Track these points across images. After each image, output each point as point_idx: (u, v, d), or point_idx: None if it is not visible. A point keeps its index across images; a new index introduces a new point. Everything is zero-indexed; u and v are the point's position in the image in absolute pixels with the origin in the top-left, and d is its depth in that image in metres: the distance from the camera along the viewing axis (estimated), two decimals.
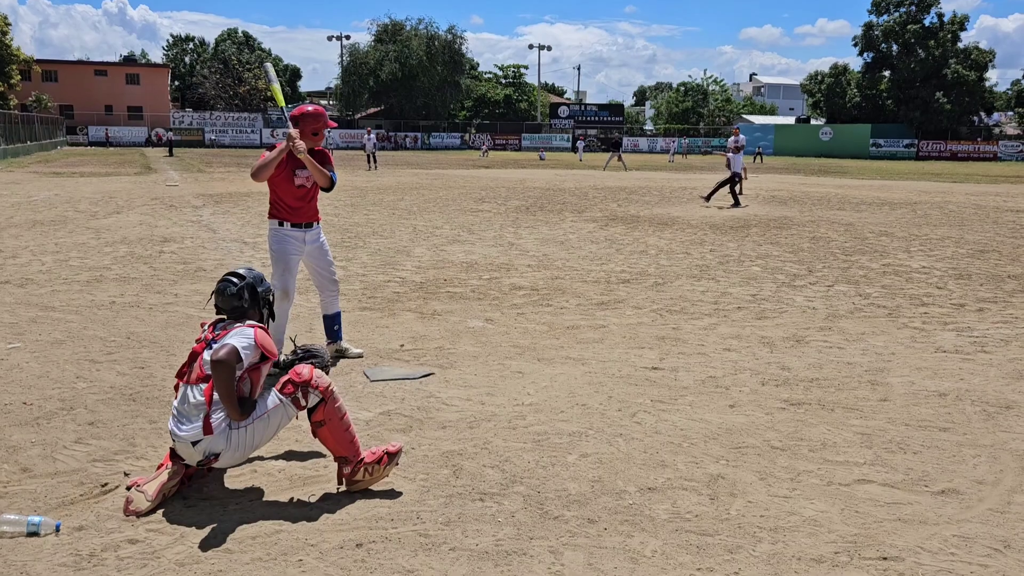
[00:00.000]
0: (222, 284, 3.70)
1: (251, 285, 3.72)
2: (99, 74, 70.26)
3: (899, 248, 11.80)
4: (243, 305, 3.68)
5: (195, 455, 3.40)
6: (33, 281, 8.25)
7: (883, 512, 3.43)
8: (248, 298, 3.69)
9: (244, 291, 3.69)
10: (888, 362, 5.74)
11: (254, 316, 3.74)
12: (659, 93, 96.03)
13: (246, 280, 3.71)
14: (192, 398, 3.43)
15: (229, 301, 3.67)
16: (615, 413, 4.60)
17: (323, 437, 3.56)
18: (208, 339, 3.55)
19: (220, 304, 3.69)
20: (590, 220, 15.08)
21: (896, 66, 65.43)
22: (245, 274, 3.75)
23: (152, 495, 3.32)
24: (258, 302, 3.75)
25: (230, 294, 3.66)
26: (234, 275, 3.73)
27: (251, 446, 3.49)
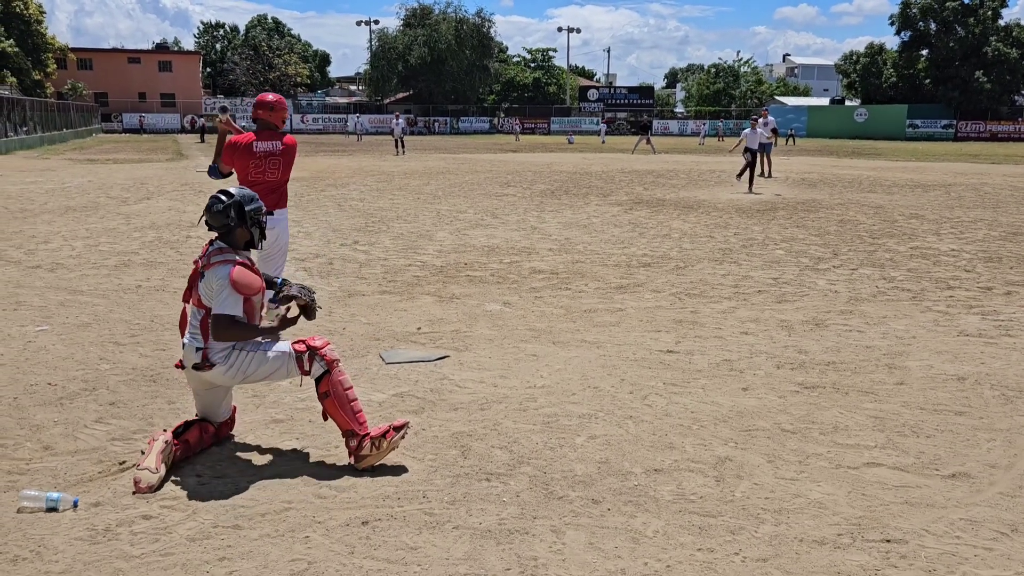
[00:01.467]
0: (211, 201, 3.78)
1: (238, 203, 3.78)
2: (132, 62, 71.17)
3: (929, 231, 11.61)
4: (230, 223, 3.76)
5: (194, 358, 3.65)
6: (63, 266, 8.44)
7: (890, 495, 3.41)
8: (235, 216, 3.77)
9: (231, 208, 3.76)
10: (908, 346, 5.67)
11: (243, 234, 3.81)
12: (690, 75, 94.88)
13: (233, 198, 3.78)
14: (194, 320, 3.70)
15: (217, 218, 3.76)
16: (626, 396, 4.61)
17: (330, 410, 3.65)
18: (202, 263, 3.72)
19: (209, 221, 3.79)
20: (615, 204, 15.02)
21: (934, 44, 63.85)
22: (234, 192, 3.82)
23: (155, 465, 3.43)
24: (246, 220, 3.81)
25: (217, 211, 3.75)
26: (223, 192, 3.81)
27: (244, 373, 3.67)
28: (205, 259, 3.73)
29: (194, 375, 3.73)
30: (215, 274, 3.65)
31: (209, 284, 3.66)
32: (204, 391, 3.81)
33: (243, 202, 3.80)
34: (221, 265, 3.67)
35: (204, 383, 3.77)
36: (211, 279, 3.66)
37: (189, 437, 3.71)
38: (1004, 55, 60.90)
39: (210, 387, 3.78)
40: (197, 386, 3.82)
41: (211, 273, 3.66)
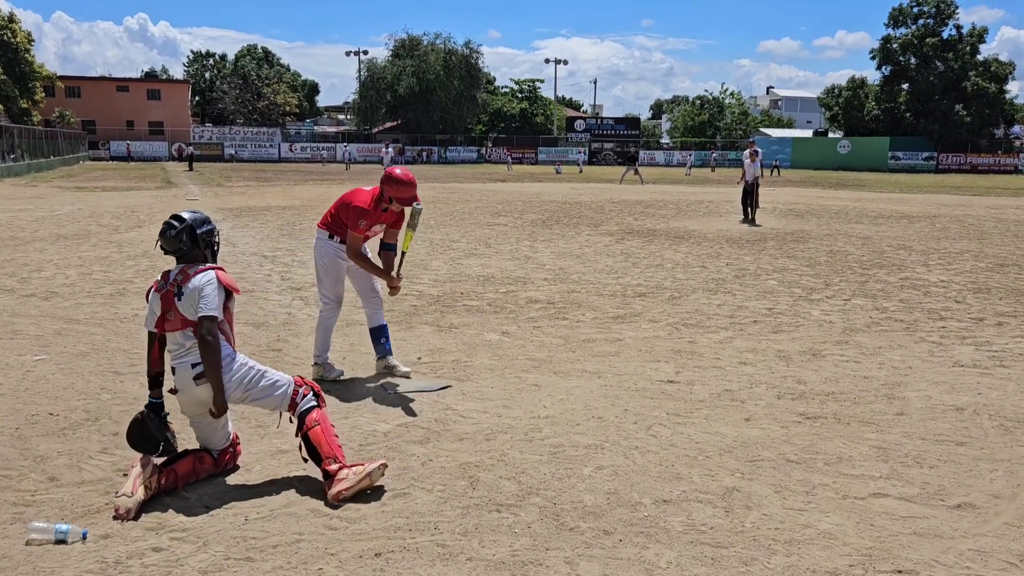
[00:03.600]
0: (164, 226, 3.84)
1: (190, 227, 3.84)
2: (121, 90, 71.23)
3: (917, 262, 11.76)
4: (183, 247, 3.82)
5: (192, 373, 3.72)
6: (58, 294, 8.40)
7: (898, 526, 3.44)
8: (187, 240, 3.82)
9: (183, 233, 3.81)
10: (905, 376, 5.74)
11: (199, 257, 3.87)
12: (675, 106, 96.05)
13: (185, 222, 3.83)
14: (186, 342, 3.76)
15: (172, 242, 3.82)
16: (631, 426, 4.63)
17: (317, 437, 3.70)
18: (174, 287, 3.76)
19: (164, 246, 3.86)
20: (606, 234, 15.13)
21: (915, 79, 65.09)
22: (186, 216, 3.86)
23: (131, 490, 3.43)
24: (199, 243, 3.85)
25: (171, 236, 3.81)
26: (175, 218, 3.86)
27: (245, 387, 3.77)
28: (176, 278, 3.78)
29: (189, 398, 3.77)
30: (198, 280, 3.74)
31: (192, 295, 3.72)
32: (199, 416, 3.82)
33: (195, 225, 3.86)
34: (201, 272, 3.78)
35: (199, 405, 3.78)
36: (193, 289, 3.72)
37: (179, 467, 3.70)
38: (983, 89, 62.15)
39: (204, 411, 3.78)
40: (192, 411, 3.84)
41: (191, 284, 3.73)
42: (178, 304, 3.74)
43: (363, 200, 5.25)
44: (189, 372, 3.74)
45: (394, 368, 5.64)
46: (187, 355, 3.76)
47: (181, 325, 3.76)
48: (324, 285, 5.48)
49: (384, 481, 3.80)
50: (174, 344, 3.80)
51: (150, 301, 3.87)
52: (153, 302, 3.84)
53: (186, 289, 3.74)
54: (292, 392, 3.81)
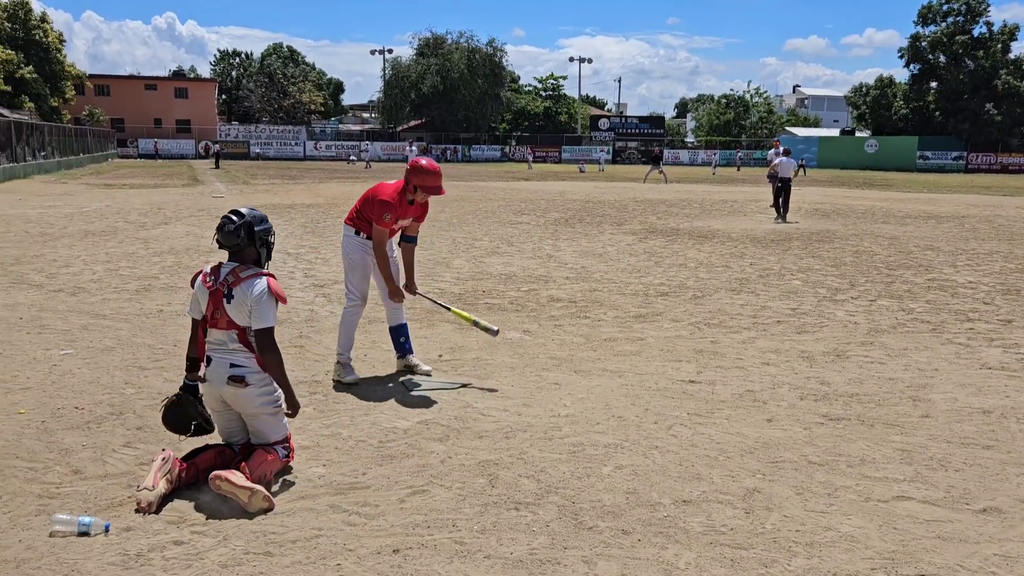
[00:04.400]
0: (223, 220, 3.85)
1: (248, 224, 3.84)
2: (149, 88, 72.14)
3: (945, 262, 11.59)
4: (240, 243, 3.83)
5: (228, 372, 3.73)
6: (85, 290, 8.52)
7: (922, 529, 3.39)
8: (245, 236, 3.83)
9: (241, 229, 3.82)
10: (931, 378, 5.65)
11: (251, 253, 3.88)
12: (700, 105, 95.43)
13: (244, 219, 3.84)
14: (230, 342, 3.78)
15: (229, 238, 3.82)
16: (651, 425, 4.61)
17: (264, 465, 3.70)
18: (224, 288, 3.76)
19: (221, 240, 3.86)
20: (629, 232, 15.07)
21: (944, 77, 64.14)
22: (245, 213, 3.87)
23: (152, 483, 3.46)
24: (255, 241, 3.87)
25: (229, 231, 3.81)
26: (234, 213, 3.87)
27: (274, 406, 3.84)
28: (227, 278, 3.78)
29: (215, 394, 3.80)
30: (249, 289, 3.74)
31: (242, 301, 3.73)
32: (222, 411, 3.85)
33: (253, 222, 3.87)
34: (253, 279, 3.77)
35: (221, 403, 3.82)
36: (244, 295, 3.73)
37: (200, 461, 3.73)
38: (1014, 88, 61.09)
39: (226, 408, 3.83)
40: (214, 405, 3.87)
41: (242, 289, 3.74)
42: (226, 306, 3.76)
43: (387, 194, 5.27)
44: (225, 371, 3.76)
45: (415, 367, 5.66)
46: (227, 354, 3.79)
47: (226, 326, 3.78)
48: (350, 281, 5.51)
49: (404, 478, 3.82)
50: (215, 340, 3.83)
51: (196, 290, 3.87)
52: (200, 294, 3.85)
53: (236, 292, 3.75)
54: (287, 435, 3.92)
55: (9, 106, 44.88)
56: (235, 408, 3.84)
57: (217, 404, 3.86)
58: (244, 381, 3.74)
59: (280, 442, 3.86)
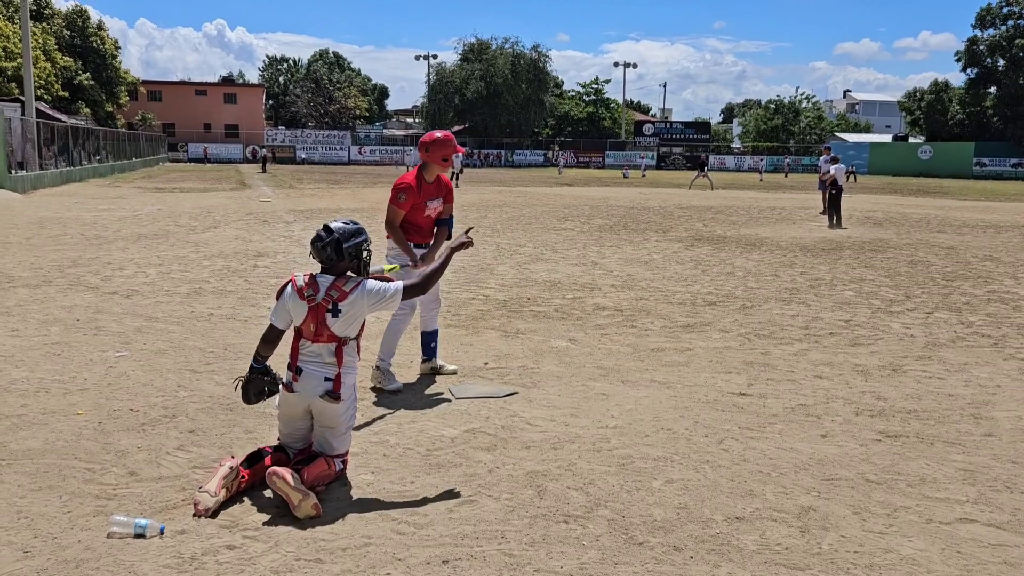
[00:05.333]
0: (315, 235, 3.88)
1: (336, 241, 3.83)
2: (199, 94, 73.80)
3: (1005, 274, 11.24)
4: (331, 259, 3.84)
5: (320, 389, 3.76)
6: (138, 292, 8.70)
7: (987, 554, 3.26)
8: (333, 252, 3.83)
9: (329, 247, 3.83)
10: (993, 395, 5.47)
11: (344, 267, 3.88)
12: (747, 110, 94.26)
13: (333, 235, 3.84)
14: (327, 356, 3.80)
15: (319, 253, 3.85)
16: (701, 439, 4.53)
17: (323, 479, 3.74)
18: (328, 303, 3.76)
19: (313, 255, 3.88)
20: (675, 240, 14.92)
21: (1003, 82, 62.43)
22: (335, 228, 3.86)
23: (215, 490, 3.49)
24: (344, 256, 3.86)
25: (319, 247, 3.84)
26: (325, 228, 3.88)
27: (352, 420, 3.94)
28: (330, 293, 3.78)
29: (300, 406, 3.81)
30: (360, 299, 3.80)
31: (354, 312, 3.80)
32: (298, 419, 3.86)
33: (341, 239, 3.86)
34: (358, 289, 3.82)
35: (305, 413, 3.83)
36: (360, 303, 3.80)
37: (258, 469, 3.75)
38: None
39: (306, 418, 3.85)
40: (294, 414, 3.85)
41: (353, 300, 3.79)
42: (330, 320, 3.77)
43: (405, 179, 5.41)
44: (319, 384, 3.77)
45: (440, 368, 5.78)
46: (323, 367, 3.80)
47: (327, 340, 3.79)
48: None
49: (452, 486, 3.81)
50: (310, 352, 3.83)
51: (288, 301, 3.83)
52: (295, 306, 3.81)
53: (344, 307, 3.77)
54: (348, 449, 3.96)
55: (67, 111, 46.26)
56: (318, 421, 3.83)
57: (299, 414, 3.85)
58: (339, 397, 3.78)
59: (341, 455, 3.88)
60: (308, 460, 3.81)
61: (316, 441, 3.89)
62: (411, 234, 5.46)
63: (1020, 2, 62.23)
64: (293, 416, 3.87)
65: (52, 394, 5.08)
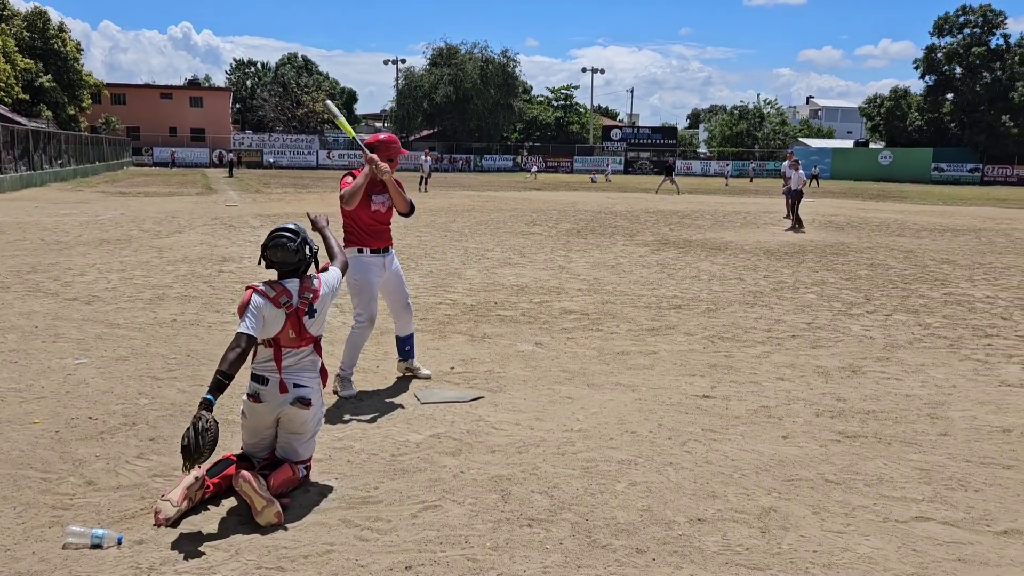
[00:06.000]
0: (279, 239, 3.80)
1: (304, 240, 3.85)
2: (164, 97, 72.81)
3: (962, 277, 11.49)
4: (301, 259, 3.83)
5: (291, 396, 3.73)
6: (100, 299, 8.55)
7: (942, 551, 3.34)
8: (304, 253, 3.83)
9: (301, 246, 3.82)
10: (949, 395, 5.59)
11: (304, 267, 3.88)
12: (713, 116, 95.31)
13: (300, 235, 3.84)
14: (307, 357, 3.82)
15: (290, 255, 3.79)
16: (665, 441, 4.57)
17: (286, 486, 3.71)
18: (306, 306, 3.76)
19: (278, 259, 3.80)
20: (641, 244, 15.03)
21: (960, 89, 63.84)
22: (296, 229, 3.86)
23: (177, 499, 3.45)
24: (309, 253, 3.88)
25: (291, 248, 3.78)
26: (287, 231, 3.84)
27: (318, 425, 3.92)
28: (304, 295, 3.77)
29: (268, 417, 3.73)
30: (327, 293, 3.88)
31: (324, 308, 3.85)
32: (265, 429, 3.80)
33: (306, 237, 3.88)
34: (322, 285, 3.86)
35: (272, 423, 3.78)
36: (326, 301, 3.86)
37: (225, 477, 3.70)
38: None
39: (272, 428, 3.80)
40: (262, 424, 3.77)
41: (323, 300, 3.84)
42: (307, 323, 3.76)
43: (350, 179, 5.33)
44: (291, 391, 3.72)
45: (416, 370, 5.77)
46: (295, 374, 3.76)
47: (308, 342, 3.78)
48: (358, 304, 5.44)
49: (416, 492, 3.80)
50: (295, 360, 3.78)
51: (265, 310, 3.65)
52: (272, 316, 3.67)
53: (317, 306, 3.79)
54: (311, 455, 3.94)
55: (27, 115, 45.34)
56: (286, 428, 3.79)
57: (268, 423, 3.78)
58: (309, 403, 3.76)
59: (305, 461, 3.85)
60: (273, 466, 3.78)
61: (280, 448, 3.85)
62: (364, 238, 5.36)
63: (976, 11, 63.72)
64: (261, 427, 3.79)
65: (8, 402, 4.98)
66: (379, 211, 5.38)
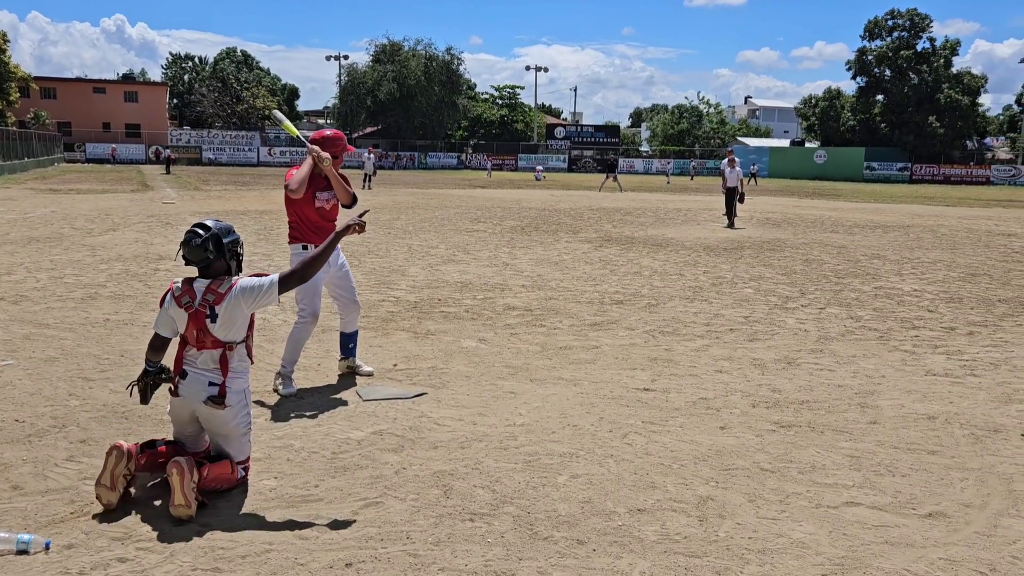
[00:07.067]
0: (188, 235, 3.72)
1: (216, 236, 3.74)
2: (97, 91, 70.46)
3: (891, 271, 11.88)
4: (209, 256, 3.71)
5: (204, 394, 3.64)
6: (28, 298, 8.26)
7: (871, 535, 3.45)
8: (213, 249, 3.72)
9: (209, 242, 3.71)
10: (878, 385, 5.78)
11: (221, 267, 3.78)
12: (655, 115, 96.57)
13: (211, 231, 3.73)
14: (212, 362, 3.70)
15: (196, 252, 3.70)
16: (606, 434, 4.62)
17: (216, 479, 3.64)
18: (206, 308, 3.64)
19: (188, 256, 3.73)
20: (585, 241, 15.16)
21: (889, 90, 66.01)
22: (211, 225, 3.76)
23: (110, 482, 3.42)
24: (224, 254, 3.77)
25: (196, 245, 3.69)
26: (200, 226, 3.75)
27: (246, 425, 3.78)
28: (206, 297, 3.66)
29: (186, 410, 3.70)
30: (237, 300, 3.68)
31: (234, 312, 3.67)
32: (187, 424, 3.76)
33: (220, 235, 3.78)
34: (233, 290, 3.70)
35: (192, 423, 3.73)
36: (236, 305, 3.67)
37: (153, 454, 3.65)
38: (956, 102, 63.12)
39: (193, 422, 3.74)
40: (182, 419, 3.76)
41: (229, 302, 3.67)
42: (211, 326, 3.66)
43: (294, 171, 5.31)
44: (203, 389, 3.67)
45: (358, 368, 5.74)
46: (209, 373, 3.70)
47: (212, 346, 3.68)
48: (302, 299, 5.39)
49: (357, 490, 3.77)
50: (194, 357, 3.72)
51: (169, 309, 3.72)
52: (176, 314, 3.70)
53: (221, 310, 3.66)
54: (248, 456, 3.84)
55: None
56: (208, 427, 3.74)
57: (186, 418, 3.74)
58: (223, 403, 3.67)
59: (242, 462, 3.77)
60: (215, 459, 3.72)
61: (214, 447, 3.79)
62: (309, 235, 5.32)
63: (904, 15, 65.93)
64: (181, 420, 3.77)
65: None
66: (323, 208, 5.37)
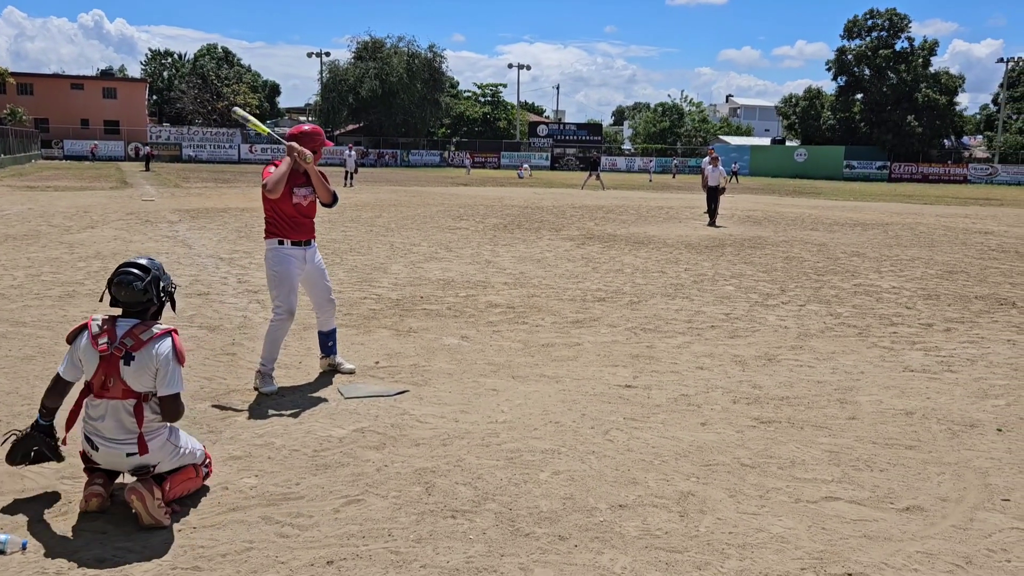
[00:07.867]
0: (125, 277, 3.42)
1: (156, 278, 3.49)
2: (75, 88, 69.69)
3: (870, 268, 12.00)
4: (150, 300, 3.47)
5: (127, 465, 3.44)
6: (4, 296, 8.16)
7: (849, 529, 3.49)
8: (155, 292, 3.48)
9: (151, 286, 3.46)
10: (857, 381, 5.84)
11: (152, 310, 3.52)
12: (637, 113, 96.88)
13: (152, 274, 3.47)
14: (122, 415, 3.39)
15: (135, 296, 3.42)
16: (588, 431, 4.64)
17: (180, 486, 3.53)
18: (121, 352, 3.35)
19: (122, 298, 3.44)
20: (567, 238, 15.18)
21: (868, 89, 66.65)
22: (148, 265, 3.49)
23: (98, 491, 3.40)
24: (161, 296, 3.54)
25: (138, 289, 3.41)
26: (135, 267, 3.46)
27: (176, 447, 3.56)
28: (124, 341, 3.36)
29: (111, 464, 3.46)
30: (154, 352, 3.36)
31: (146, 365, 3.35)
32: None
33: (159, 276, 3.53)
34: (157, 339, 3.39)
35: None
36: (148, 359, 3.35)
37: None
38: (934, 101, 63.86)
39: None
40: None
41: (146, 353, 3.35)
42: (123, 370, 3.33)
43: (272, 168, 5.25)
44: (122, 460, 3.41)
45: (339, 365, 5.72)
46: (122, 443, 3.37)
47: (122, 395, 3.35)
48: (278, 296, 5.34)
49: (338, 487, 3.76)
50: (98, 414, 3.38)
51: (80, 350, 3.42)
52: (87, 356, 3.39)
53: (138, 356, 3.34)
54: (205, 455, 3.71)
55: None
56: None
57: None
58: (152, 468, 3.44)
59: (198, 463, 3.65)
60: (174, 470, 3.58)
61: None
62: (286, 230, 5.27)
63: (883, 15, 66.57)
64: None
65: None
66: (300, 204, 5.30)
